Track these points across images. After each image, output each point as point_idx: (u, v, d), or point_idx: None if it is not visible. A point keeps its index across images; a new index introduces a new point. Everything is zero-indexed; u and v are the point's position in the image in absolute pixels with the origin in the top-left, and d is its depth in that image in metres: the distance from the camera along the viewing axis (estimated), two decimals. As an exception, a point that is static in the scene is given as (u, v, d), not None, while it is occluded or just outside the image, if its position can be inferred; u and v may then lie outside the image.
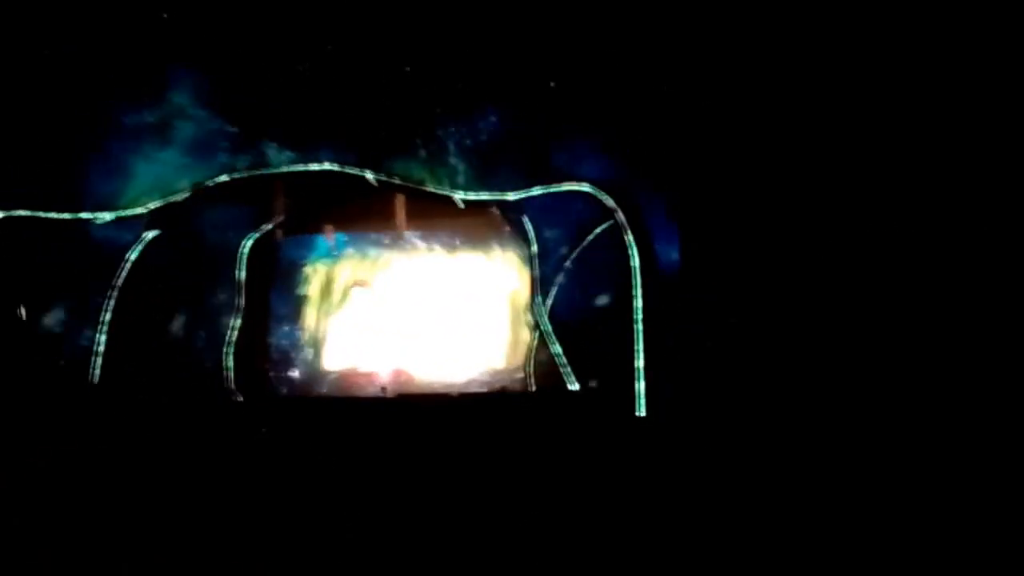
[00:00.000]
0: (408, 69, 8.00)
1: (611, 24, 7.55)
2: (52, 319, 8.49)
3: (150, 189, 8.52)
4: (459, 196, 8.40)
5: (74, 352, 8.52)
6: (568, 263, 9.10)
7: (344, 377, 10.47)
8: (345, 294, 10.72)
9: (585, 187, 7.93)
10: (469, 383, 10.10)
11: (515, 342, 9.99)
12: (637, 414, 7.26)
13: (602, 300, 8.72)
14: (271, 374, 10.38)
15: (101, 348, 8.61)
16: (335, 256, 10.71)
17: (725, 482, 5.69)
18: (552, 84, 7.86)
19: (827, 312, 6.79)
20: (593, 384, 8.45)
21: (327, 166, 8.42)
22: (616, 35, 7.56)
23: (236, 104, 8.29)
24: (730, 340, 7.11)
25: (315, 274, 10.73)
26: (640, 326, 7.47)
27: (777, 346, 6.90)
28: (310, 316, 10.69)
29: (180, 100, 8.25)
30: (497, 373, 10.06)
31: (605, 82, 7.68)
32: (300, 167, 8.53)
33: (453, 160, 8.29)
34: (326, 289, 10.73)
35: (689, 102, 7.46)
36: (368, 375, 10.29)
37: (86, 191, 8.42)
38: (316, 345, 10.61)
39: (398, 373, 10.14)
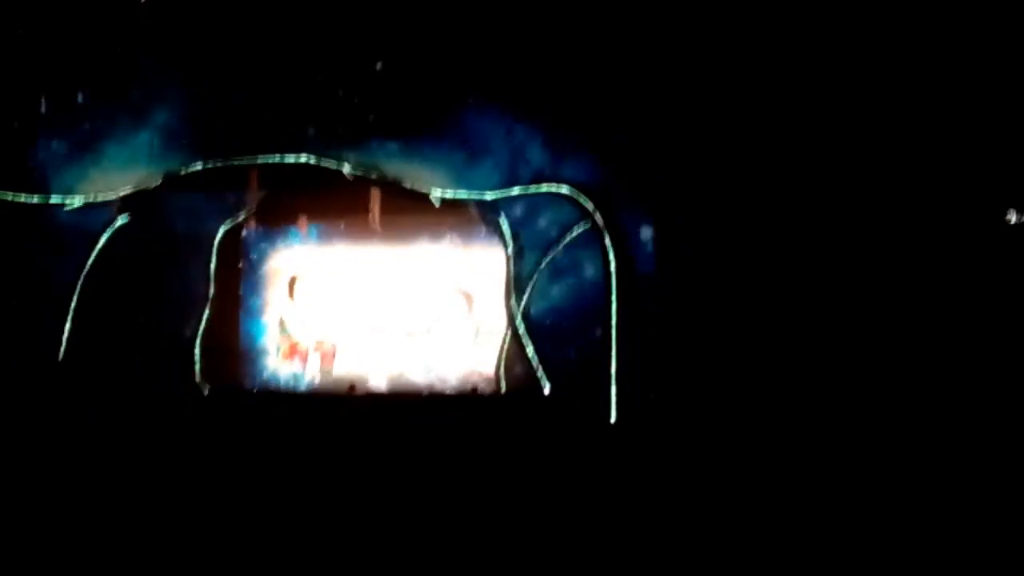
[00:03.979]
0: (388, 64, 7.93)
1: (594, 27, 7.56)
2: (18, 304, 8.29)
3: (122, 175, 8.35)
4: (436, 194, 8.33)
5: (40, 338, 8.35)
6: (544, 265, 9.08)
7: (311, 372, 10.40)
8: (314, 287, 10.63)
9: (564, 189, 7.90)
10: (439, 382, 10.06)
11: (488, 343, 9.95)
12: (610, 419, 7.27)
13: (577, 303, 8.72)
14: (239, 366, 10.27)
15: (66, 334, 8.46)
16: (307, 248, 10.62)
17: (696, 489, 5.73)
18: (533, 84, 7.83)
19: (805, 319, 6.85)
20: (566, 387, 8.43)
21: (303, 158, 8.31)
22: (599, 37, 7.57)
23: (212, 91, 8.15)
24: (706, 346, 7.15)
25: (286, 266, 10.63)
26: (615, 331, 7.47)
27: (753, 353, 6.95)
28: (279, 309, 10.59)
29: (155, 85, 8.10)
30: (468, 374, 10.02)
31: (587, 84, 7.68)
32: (276, 158, 8.40)
33: (432, 157, 8.22)
34: (295, 282, 10.63)
35: (671, 107, 7.48)
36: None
37: (56, 175, 8.24)
38: (283, 338, 10.51)
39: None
